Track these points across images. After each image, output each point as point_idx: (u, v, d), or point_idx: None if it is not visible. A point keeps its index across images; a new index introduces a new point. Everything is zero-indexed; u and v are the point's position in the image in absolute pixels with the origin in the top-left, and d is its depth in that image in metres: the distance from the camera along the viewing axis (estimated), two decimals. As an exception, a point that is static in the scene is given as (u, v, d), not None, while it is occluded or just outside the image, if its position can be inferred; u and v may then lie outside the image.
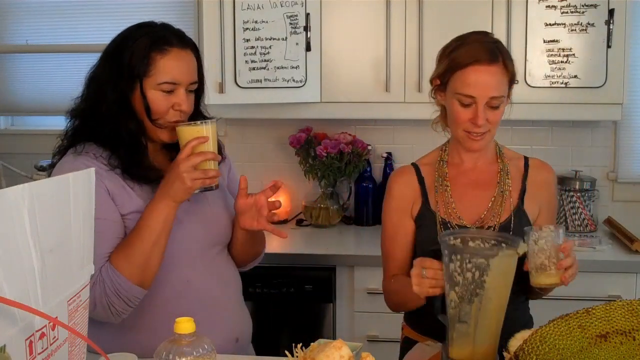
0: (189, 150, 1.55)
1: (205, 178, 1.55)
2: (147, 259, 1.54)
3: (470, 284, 1.39)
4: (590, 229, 2.98)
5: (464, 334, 1.42)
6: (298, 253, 2.73)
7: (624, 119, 2.89)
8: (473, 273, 1.38)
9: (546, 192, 1.76)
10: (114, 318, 1.56)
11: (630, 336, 1.12)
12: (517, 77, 1.70)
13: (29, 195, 0.85)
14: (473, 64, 1.61)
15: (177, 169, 1.54)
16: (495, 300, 1.41)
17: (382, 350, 2.57)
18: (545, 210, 1.75)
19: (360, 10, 2.81)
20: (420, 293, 1.50)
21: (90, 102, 1.62)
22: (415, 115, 2.86)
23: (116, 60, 1.59)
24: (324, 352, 1.23)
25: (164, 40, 1.59)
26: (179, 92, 1.60)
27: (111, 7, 3.22)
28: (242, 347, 1.74)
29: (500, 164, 1.75)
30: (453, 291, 1.42)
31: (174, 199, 1.55)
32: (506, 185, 1.72)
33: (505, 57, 1.64)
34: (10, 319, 0.82)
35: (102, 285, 1.52)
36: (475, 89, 1.61)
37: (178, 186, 1.54)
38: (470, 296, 1.40)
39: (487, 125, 1.64)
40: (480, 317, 1.40)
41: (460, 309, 1.41)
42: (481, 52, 1.62)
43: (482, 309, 1.40)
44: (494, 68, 1.61)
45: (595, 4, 2.68)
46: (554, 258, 1.49)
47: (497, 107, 1.63)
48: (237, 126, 3.21)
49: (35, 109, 3.39)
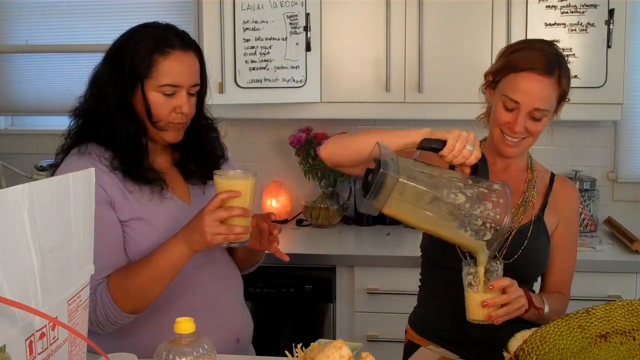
0: (217, 202, 1.48)
1: (228, 234, 1.49)
2: (146, 294, 1.54)
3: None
4: (590, 229, 2.97)
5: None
6: (298, 253, 2.72)
7: (623, 118, 2.89)
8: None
9: (567, 208, 1.76)
10: (100, 331, 1.57)
11: (630, 336, 1.12)
12: (569, 96, 1.67)
13: (29, 195, 0.85)
14: (528, 71, 1.59)
15: (201, 220, 1.49)
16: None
17: (382, 350, 2.57)
18: (563, 226, 1.75)
19: (360, 10, 2.81)
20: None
21: (92, 102, 1.62)
22: (415, 115, 2.87)
23: (118, 60, 1.59)
24: (324, 352, 1.23)
25: (166, 43, 1.58)
26: (180, 94, 1.60)
27: (111, 7, 3.21)
28: (242, 348, 1.74)
29: (529, 175, 1.75)
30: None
31: (190, 247, 1.52)
32: (531, 196, 1.73)
33: (562, 73, 1.62)
34: (10, 319, 0.82)
35: (93, 304, 1.52)
36: (522, 96, 1.59)
37: (197, 238, 1.50)
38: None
39: (525, 134, 1.64)
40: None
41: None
42: (540, 61, 1.59)
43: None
44: (547, 80, 1.59)
45: (595, 4, 2.68)
46: (485, 295, 1.47)
47: (540, 119, 1.62)
48: (237, 126, 3.21)
49: (35, 109, 3.38)
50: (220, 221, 1.48)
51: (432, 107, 2.76)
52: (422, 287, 1.84)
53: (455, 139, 1.44)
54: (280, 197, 3.19)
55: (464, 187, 1.44)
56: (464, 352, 1.70)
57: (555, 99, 1.63)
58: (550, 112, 1.63)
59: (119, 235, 1.58)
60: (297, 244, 2.91)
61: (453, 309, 1.61)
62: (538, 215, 1.72)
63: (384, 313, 2.60)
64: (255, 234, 1.64)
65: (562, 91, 1.64)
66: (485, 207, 1.43)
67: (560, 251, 1.75)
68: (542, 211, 1.73)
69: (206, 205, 1.50)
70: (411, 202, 1.42)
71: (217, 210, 1.48)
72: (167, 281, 1.55)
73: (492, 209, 1.43)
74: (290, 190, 3.22)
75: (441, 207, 1.42)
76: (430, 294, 1.80)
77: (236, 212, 1.49)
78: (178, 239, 1.53)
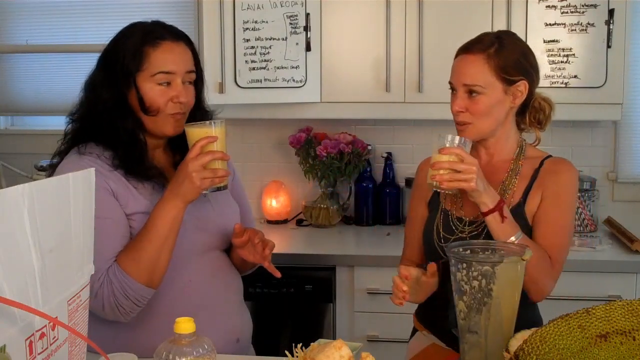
0: (197, 149, 1.53)
1: (214, 177, 1.54)
2: (156, 260, 1.54)
3: (477, 293, 1.36)
4: (590, 229, 2.97)
5: (475, 344, 1.40)
6: (298, 253, 2.73)
7: (623, 119, 2.89)
8: (479, 281, 1.36)
9: (552, 183, 1.67)
10: (123, 318, 1.57)
11: (630, 336, 1.12)
12: (530, 75, 1.67)
13: (29, 195, 0.85)
14: (457, 54, 1.69)
15: (185, 168, 1.52)
16: (504, 308, 1.38)
17: (382, 350, 2.58)
18: (546, 200, 1.66)
19: (360, 10, 2.81)
20: (393, 301, 1.57)
21: (87, 105, 1.63)
22: (415, 115, 2.87)
23: (110, 61, 1.60)
24: (324, 352, 1.23)
25: (155, 35, 1.60)
26: (175, 83, 1.60)
27: (111, 7, 3.22)
28: (242, 348, 1.74)
29: (512, 164, 1.72)
30: (461, 301, 1.39)
31: (182, 199, 1.54)
32: (511, 185, 1.70)
33: (498, 49, 1.62)
34: (10, 319, 0.82)
35: (110, 286, 1.53)
36: (452, 77, 1.68)
37: (187, 186, 1.53)
38: (479, 305, 1.37)
39: (467, 115, 1.65)
40: (490, 327, 1.38)
41: (470, 319, 1.39)
42: (467, 44, 1.67)
43: (492, 318, 1.37)
44: (472, 56, 1.64)
45: (595, 4, 2.68)
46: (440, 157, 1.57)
47: (475, 96, 1.63)
48: (237, 126, 3.21)
49: (35, 109, 3.39)
50: (203, 166, 1.52)
51: (432, 107, 2.76)
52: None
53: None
54: (280, 197, 3.19)
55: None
56: (447, 341, 1.71)
57: (492, 75, 1.63)
58: (486, 89, 1.63)
59: (124, 221, 1.58)
60: (297, 244, 2.91)
61: (439, 300, 1.64)
62: (518, 203, 1.68)
63: (384, 313, 2.60)
64: (250, 248, 1.68)
65: (497, 65, 1.62)
66: None
67: (539, 223, 1.66)
68: (525, 198, 1.68)
69: (187, 155, 1.54)
70: None
71: (199, 156, 1.52)
72: (172, 240, 1.56)
73: None
74: (290, 190, 3.23)
75: None
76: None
77: (218, 155, 1.55)
78: (167, 197, 1.55)
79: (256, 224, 1.95)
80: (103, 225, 1.49)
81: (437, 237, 1.72)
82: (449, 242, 1.67)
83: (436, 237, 1.73)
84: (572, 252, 2.66)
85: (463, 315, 1.41)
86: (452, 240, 1.68)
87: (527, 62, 1.67)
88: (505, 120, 1.69)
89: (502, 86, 1.64)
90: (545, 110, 1.76)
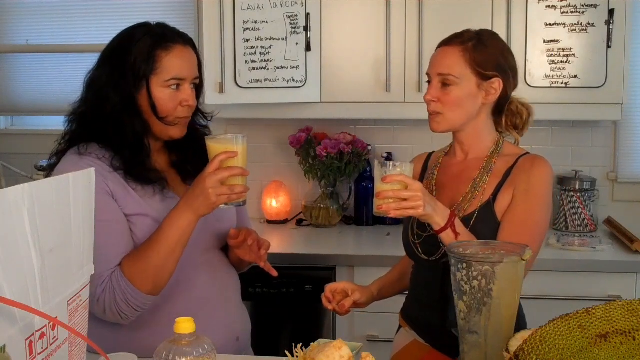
0: (216, 164, 1.51)
1: (231, 194, 1.51)
2: (161, 270, 1.54)
3: (477, 293, 1.36)
4: (590, 229, 2.98)
5: (475, 345, 1.39)
6: (298, 253, 2.73)
7: (623, 119, 2.89)
8: (479, 281, 1.36)
9: (523, 180, 1.64)
10: (124, 321, 1.57)
11: (630, 336, 1.12)
12: (511, 71, 1.68)
13: (29, 195, 0.85)
14: (438, 47, 1.73)
15: (203, 183, 1.50)
16: (504, 308, 1.37)
17: (382, 350, 2.57)
18: (515, 198, 1.63)
19: (360, 10, 2.81)
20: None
21: (91, 105, 1.62)
22: (415, 115, 2.85)
23: (118, 62, 1.59)
24: (324, 352, 1.23)
25: (166, 38, 1.60)
26: (184, 87, 1.61)
27: (111, 7, 3.22)
28: (242, 347, 1.74)
29: (484, 162, 1.71)
30: (461, 301, 1.39)
31: (196, 212, 1.53)
32: (482, 182, 1.68)
33: (476, 45, 1.65)
34: (10, 319, 0.82)
35: (112, 293, 1.52)
36: (429, 67, 1.71)
37: (202, 201, 1.51)
38: (479, 305, 1.37)
39: (439, 105, 1.66)
40: (490, 327, 1.37)
41: (470, 319, 1.39)
42: (448, 37, 1.71)
43: (492, 319, 1.37)
44: (449, 48, 1.67)
45: (595, 4, 2.68)
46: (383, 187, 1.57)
47: (448, 85, 1.65)
48: (237, 126, 3.20)
49: (35, 109, 3.39)
50: (221, 182, 1.50)
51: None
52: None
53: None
54: (280, 197, 3.19)
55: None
56: (427, 337, 1.74)
57: (466, 67, 1.64)
58: (459, 79, 1.64)
59: (125, 224, 1.58)
60: (297, 244, 2.90)
61: (418, 297, 1.76)
62: (487, 201, 1.66)
63: (384, 313, 2.59)
64: (246, 248, 1.68)
65: (473, 58, 1.64)
66: None
67: (504, 221, 1.64)
68: (495, 196, 1.66)
69: (205, 169, 1.52)
70: None
71: (217, 171, 1.51)
72: (179, 252, 1.55)
73: None
74: (290, 190, 3.22)
75: None
76: (410, 282, 1.88)
77: (236, 172, 1.52)
78: (181, 208, 1.53)
79: (256, 224, 1.96)
80: (105, 228, 1.49)
81: (412, 235, 1.75)
82: (421, 239, 1.71)
83: (411, 234, 1.75)
84: (572, 252, 2.69)
85: (463, 316, 1.41)
86: (424, 237, 1.71)
87: (505, 61, 1.68)
88: (477, 116, 1.69)
89: (475, 80, 1.65)
90: (522, 115, 1.75)
